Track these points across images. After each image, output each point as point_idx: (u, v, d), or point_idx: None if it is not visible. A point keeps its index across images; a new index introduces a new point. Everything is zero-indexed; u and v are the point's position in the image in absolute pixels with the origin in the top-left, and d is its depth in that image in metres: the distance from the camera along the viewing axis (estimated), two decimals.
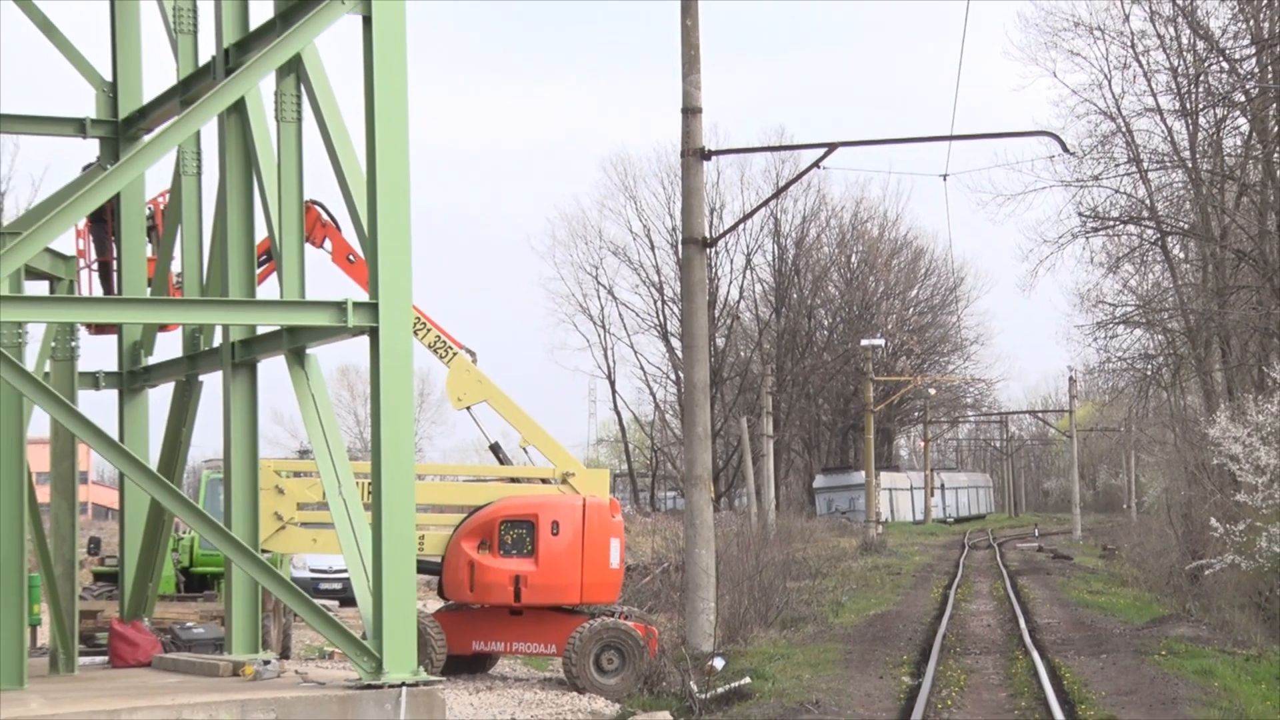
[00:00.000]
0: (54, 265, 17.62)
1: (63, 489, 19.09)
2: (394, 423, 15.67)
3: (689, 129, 30.48)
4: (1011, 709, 22.28)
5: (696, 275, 31.35)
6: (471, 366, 26.59)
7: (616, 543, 25.74)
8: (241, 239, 17.83)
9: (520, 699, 23.78)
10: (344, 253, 25.21)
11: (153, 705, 14.44)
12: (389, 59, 15.73)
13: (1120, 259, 50.90)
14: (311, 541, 25.42)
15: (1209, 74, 44.42)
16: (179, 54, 19.51)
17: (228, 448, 18.03)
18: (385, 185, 15.68)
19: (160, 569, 20.88)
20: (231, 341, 17.81)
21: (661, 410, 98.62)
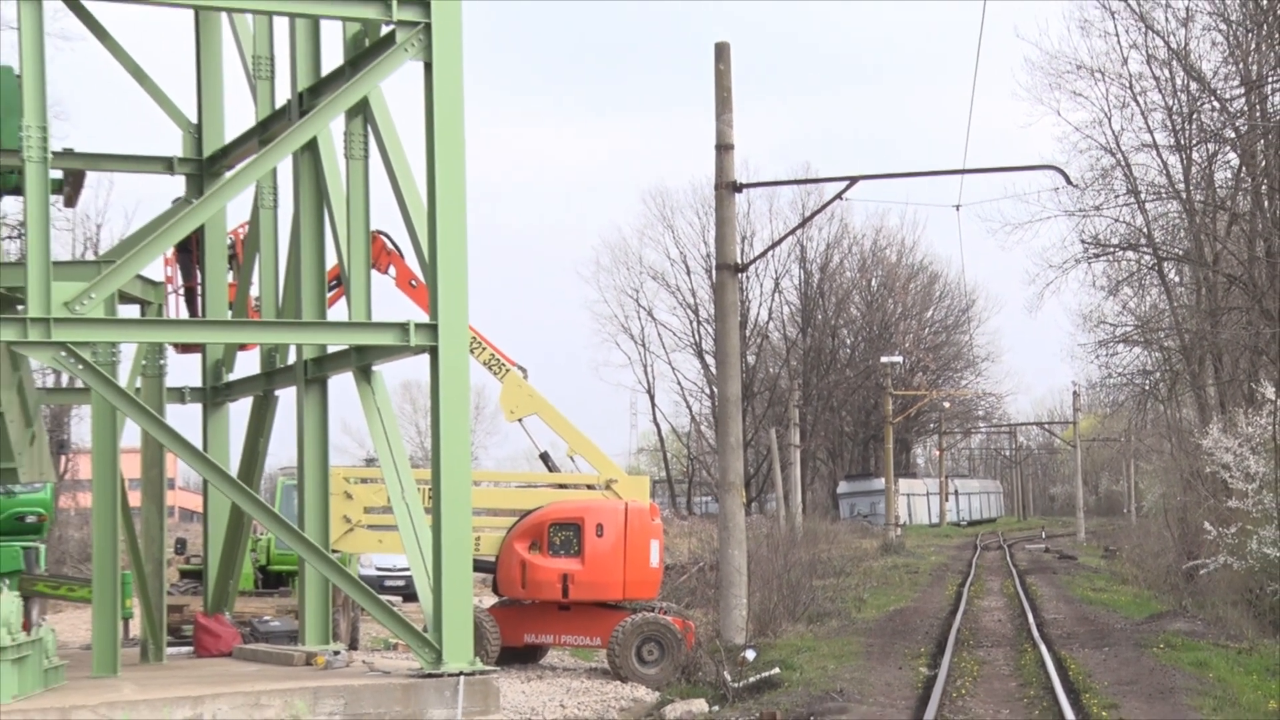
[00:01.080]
0: (145, 290, 17.71)
1: (152, 494, 19.17)
2: (452, 433, 15.70)
3: (722, 164, 30.50)
4: (1021, 697, 22.16)
5: (729, 298, 31.34)
6: (523, 382, 26.63)
7: (656, 544, 25.72)
8: (314, 266, 17.90)
9: (568, 687, 23.76)
10: (406, 278, 25.27)
11: (234, 692, 14.48)
12: (447, 101, 15.79)
13: (1120, 283, 50.83)
14: (377, 542, 25.46)
15: (1201, 112, 44.38)
16: (257, 98, 19.62)
17: (301, 456, 18.09)
18: (444, 216, 15.72)
19: (240, 567, 20.97)
20: (304, 359, 17.88)
21: (697, 422, 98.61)
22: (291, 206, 18.21)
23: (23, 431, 18.06)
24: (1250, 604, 32.36)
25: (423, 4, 15.70)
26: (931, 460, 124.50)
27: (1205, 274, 44.81)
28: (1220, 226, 45.25)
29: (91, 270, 15.59)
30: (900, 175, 60.72)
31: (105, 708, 13.90)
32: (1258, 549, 30.85)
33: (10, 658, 14.18)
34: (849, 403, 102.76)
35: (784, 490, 74.63)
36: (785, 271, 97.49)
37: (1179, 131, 45.13)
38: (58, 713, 13.73)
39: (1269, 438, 31.38)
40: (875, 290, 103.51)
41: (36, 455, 18.81)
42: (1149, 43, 44.97)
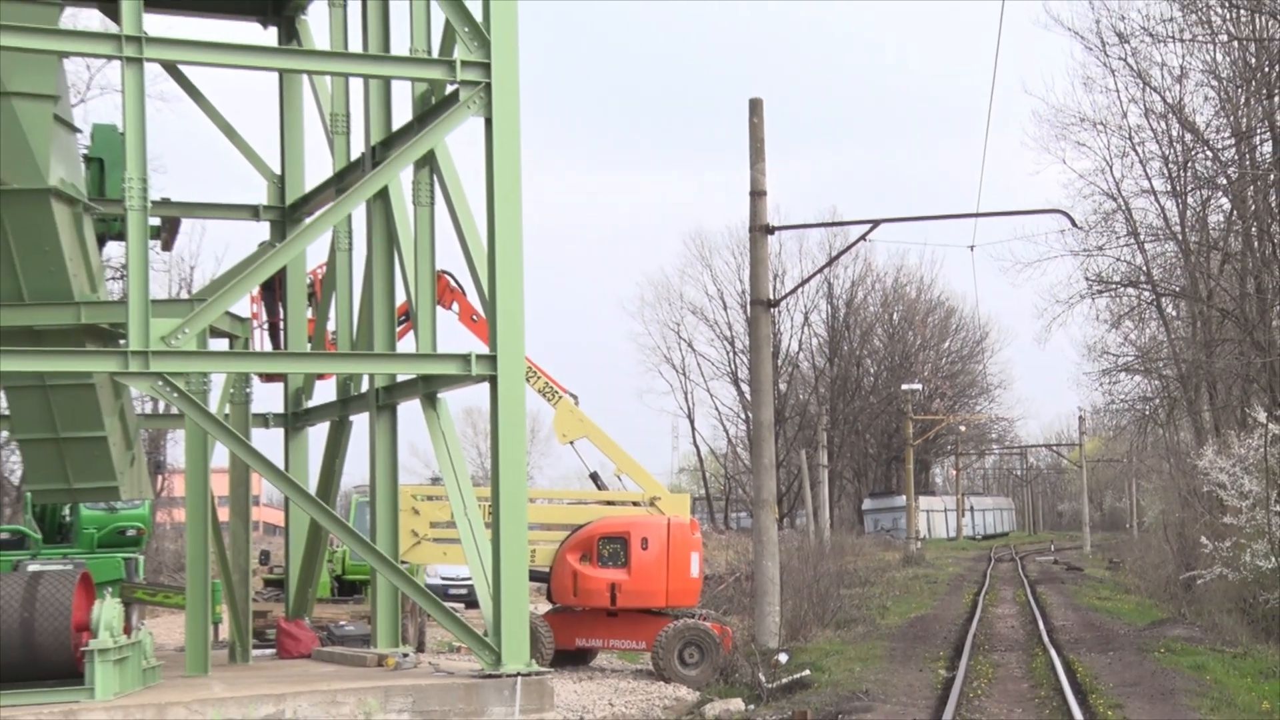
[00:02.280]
0: (233, 325, 17.82)
1: (239, 510, 19.26)
2: (510, 455, 15.72)
3: (756, 209, 30.52)
4: (1033, 698, 22.01)
5: (762, 331, 31.33)
6: (574, 408, 26.65)
7: (696, 556, 25.69)
8: (384, 302, 17.98)
9: (616, 687, 23.73)
10: (468, 313, 25.35)
11: (312, 690, 14.52)
12: (505, 152, 15.85)
13: (1121, 317, 50.65)
14: (442, 554, 25.49)
15: (1195, 161, 44.32)
16: (334, 151, 19.74)
17: (373, 476, 18.15)
18: (502, 257, 15.77)
19: (318, 576, 21.02)
20: (376, 388, 17.95)
21: (733, 444, 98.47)
22: (365, 249, 18.32)
23: (124, 453, 18.19)
24: (1244, 612, 32.18)
25: (483, 66, 15.81)
26: (949, 479, 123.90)
27: (1200, 309, 44.68)
28: (1214, 265, 45.12)
29: (186, 308, 15.72)
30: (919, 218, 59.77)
31: (197, 704, 13.96)
32: (1251, 561, 30.70)
33: (112, 658, 14.26)
34: (873, 426, 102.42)
35: (813, 507, 74.42)
36: (814, 306, 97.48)
37: (1175, 178, 45.12)
38: (155, 709, 13.79)
39: (1260, 459, 31.23)
40: (897, 323, 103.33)
41: (136, 475, 18.94)
42: (1147, 98, 45.02)
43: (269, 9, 21.58)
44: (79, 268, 17.11)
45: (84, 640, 14.23)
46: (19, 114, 16.13)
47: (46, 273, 16.67)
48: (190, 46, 15.95)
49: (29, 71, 16.12)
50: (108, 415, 17.65)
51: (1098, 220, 46.43)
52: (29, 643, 14.12)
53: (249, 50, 17.59)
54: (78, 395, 17.33)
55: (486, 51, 15.75)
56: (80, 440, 17.69)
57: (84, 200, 17.42)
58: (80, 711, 13.59)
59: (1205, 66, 42.75)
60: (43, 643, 14.15)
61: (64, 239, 16.71)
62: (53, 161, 16.51)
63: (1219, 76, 42.47)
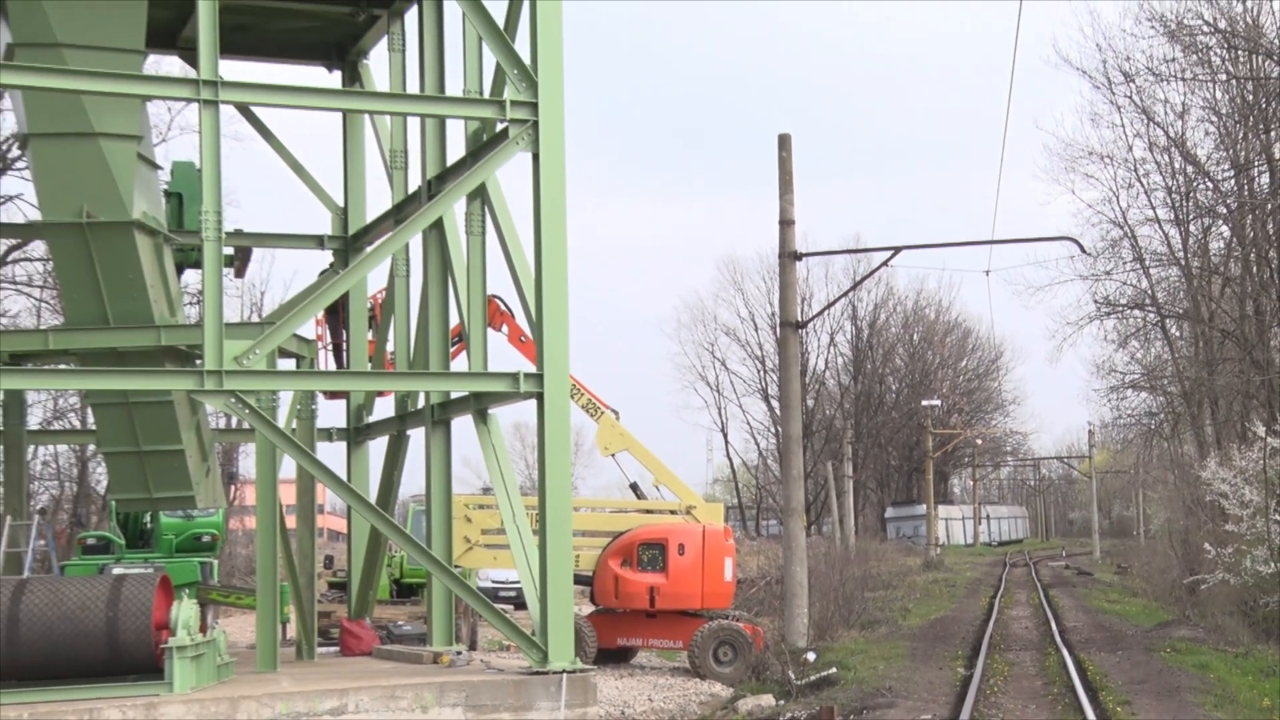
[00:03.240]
0: (299, 346, 17.93)
1: (305, 518, 19.34)
2: (555, 467, 15.74)
3: (784, 236, 30.53)
4: (1046, 695, 21.90)
5: (791, 351, 31.31)
6: (615, 423, 26.70)
7: (729, 561, 25.66)
8: (439, 325, 18.05)
9: (655, 683, 23.71)
10: (517, 335, 25.42)
11: (373, 685, 14.57)
12: (551, 185, 15.89)
13: (1128, 337, 50.45)
14: (493, 559, 25.53)
15: (1197, 191, 44.27)
16: (393, 185, 19.84)
17: (429, 486, 18.20)
18: (548, 282, 15.81)
19: (378, 580, 21.08)
20: (431, 404, 18.01)
21: (764, 456, 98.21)
22: (421, 275, 18.38)
23: (200, 465, 18.31)
24: (1245, 614, 31.99)
25: (531, 105, 15.87)
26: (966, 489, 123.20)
27: (1202, 329, 44.54)
28: (1215, 289, 44.99)
29: (256, 330, 15.83)
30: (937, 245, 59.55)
31: (267, 698, 14.02)
32: (1251, 566, 30.56)
33: (189, 655, 14.35)
34: (895, 440, 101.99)
35: (839, 515, 74.15)
36: (839, 327, 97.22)
37: (1178, 208, 45.03)
38: (228, 703, 13.86)
39: (1260, 470, 31.06)
40: (917, 343, 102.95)
41: (211, 485, 19.05)
42: (1151, 132, 44.96)
43: (334, 54, 21.74)
44: (159, 294, 17.25)
45: (163, 638, 14.32)
46: (106, 153, 16.30)
47: (130, 298, 16.81)
48: (262, 90, 16.07)
49: (116, 114, 16.30)
50: (185, 430, 17.77)
51: (1105, 247, 46.40)
52: (114, 640, 14.22)
53: (316, 93, 17.73)
54: (158, 412, 17.46)
55: (534, 92, 15.82)
56: (160, 453, 17.81)
57: (164, 232, 17.56)
58: (160, 704, 13.67)
59: (1206, 103, 42.74)
60: (126, 640, 14.24)
61: (146, 267, 16.85)
62: (136, 196, 16.66)
63: (1218, 112, 42.42)
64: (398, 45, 19.98)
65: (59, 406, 38.79)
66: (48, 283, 35.02)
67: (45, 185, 16.57)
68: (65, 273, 16.96)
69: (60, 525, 36.85)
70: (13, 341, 17.32)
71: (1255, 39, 38.35)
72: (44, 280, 35.54)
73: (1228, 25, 39.19)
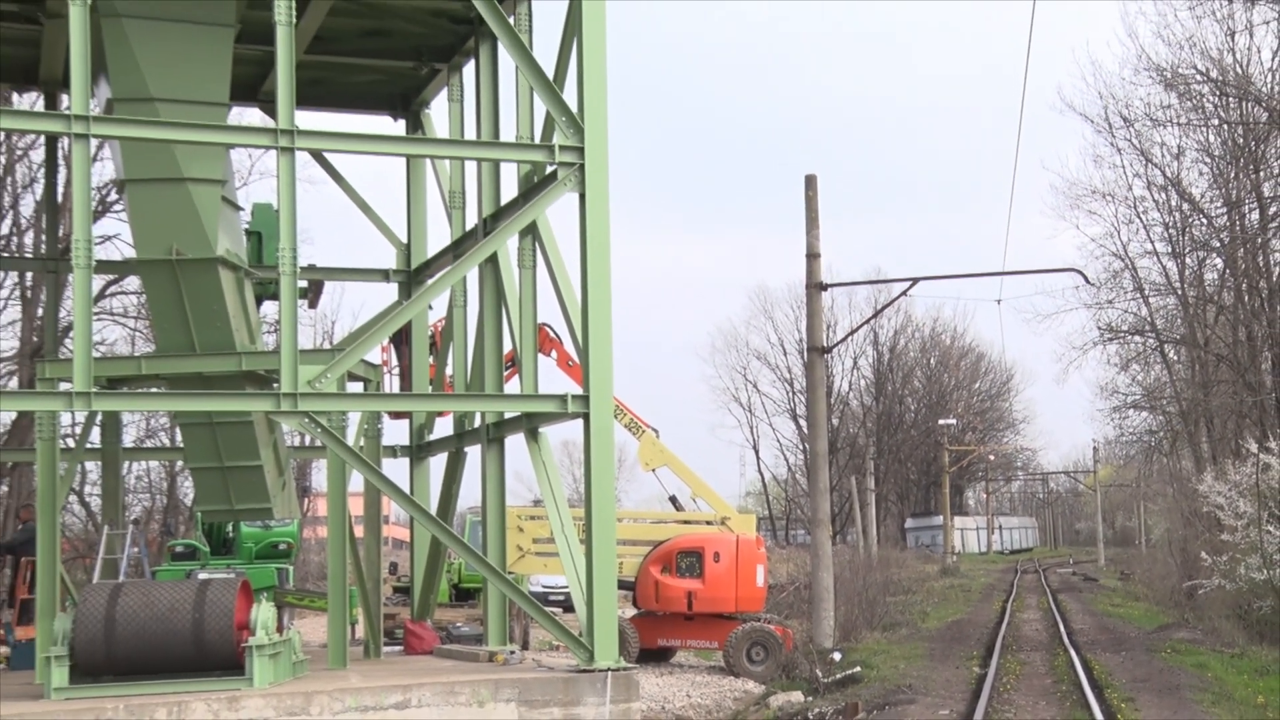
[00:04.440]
0: (367, 371, 17.99)
1: (372, 528, 19.37)
2: (600, 481, 15.71)
3: (811, 269, 30.49)
4: (1055, 692, 21.70)
5: (817, 374, 31.24)
6: (655, 440, 26.69)
7: (761, 568, 25.59)
8: (494, 351, 18.07)
9: (692, 681, 23.65)
10: (565, 360, 25.46)
11: (434, 682, 14.56)
12: (597, 222, 15.88)
13: (1129, 361, 50.28)
14: (543, 565, 25.54)
15: (1192, 227, 44.18)
16: (452, 222, 19.91)
17: (484, 499, 18.20)
18: (594, 311, 15.81)
19: (439, 584, 21.08)
20: (487, 424, 18.01)
21: (792, 471, 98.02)
22: (478, 305, 18.43)
23: (276, 479, 18.38)
24: (1240, 618, 31.74)
25: (578, 150, 15.89)
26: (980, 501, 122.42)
27: (1198, 354, 44.33)
28: (1209, 316, 44.77)
29: (328, 356, 15.90)
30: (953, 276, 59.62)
31: (338, 692, 14.04)
32: (1245, 573, 30.33)
33: (268, 653, 14.39)
34: (913, 456, 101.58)
35: (862, 525, 73.80)
36: (862, 352, 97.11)
37: (1175, 242, 44.90)
38: (303, 697, 13.88)
39: (1253, 484, 30.83)
40: (934, 367, 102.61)
41: (286, 498, 19.13)
42: (1149, 173, 44.85)
43: (399, 105, 21.87)
44: (241, 323, 17.35)
45: (244, 638, 14.36)
46: (194, 196, 16.42)
47: (214, 328, 16.91)
48: (334, 137, 16.17)
49: (202, 161, 16.43)
50: (263, 447, 17.85)
51: (1108, 278, 46.26)
52: (199, 639, 14.27)
53: (382, 140, 17.84)
54: (239, 431, 17.55)
55: (581, 137, 15.84)
56: (241, 469, 17.89)
57: (245, 267, 17.67)
58: (242, 698, 13.71)
59: (1199, 146, 42.70)
60: (211, 639, 14.28)
61: (229, 299, 16.95)
62: (220, 235, 16.77)
63: (1211, 154, 42.33)
64: (456, 96, 20.09)
65: (151, 426, 39.04)
66: (141, 314, 35.30)
67: (139, 226, 16.72)
68: (156, 305, 17.09)
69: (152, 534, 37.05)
70: (110, 367, 17.44)
71: (1244, 87, 38.32)
72: (138, 312, 35.83)
73: (1219, 74, 39.15)
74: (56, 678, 13.95)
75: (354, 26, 19.46)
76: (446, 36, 19.76)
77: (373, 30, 19.65)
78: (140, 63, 15.95)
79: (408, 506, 16.72)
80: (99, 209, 32.81)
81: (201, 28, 16.21)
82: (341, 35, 19.59)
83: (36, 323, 33.65)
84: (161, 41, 16.00)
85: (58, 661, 13.99)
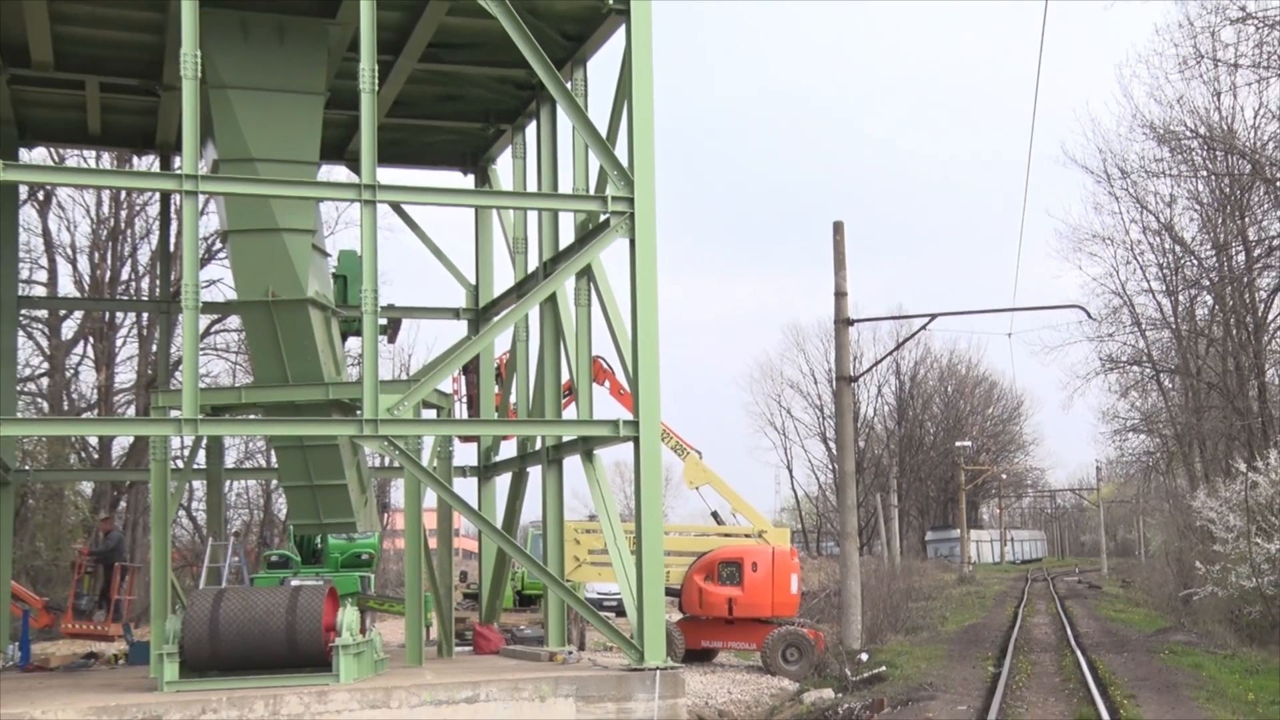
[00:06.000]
0: (440, 399, 18.07)
1: (444, 540, 19.41)
2: (649, 497, 15.67)
3: (839, 306, 30.36)
4: (1063, 689, 21.36)
5: (845, 401, 31.06)
6: (699, 461, 26.62)
7: (795, 576, 25.40)
8: (553, 381, 18.10)
9: (733, 679, 23.47)
10: (617, 389, 25.45)
11: (500, 679, 14.54)
12: (645, 265, 15.87)
13: (1128, 388, 49.87)
14: (597, 574, 25.48)
15: (1184, 267, 44.04)
16: (515, 266, 20.00)
17: (545, 513, 18.20)
18: (643, 344, 15.80)
19: (504, 591, 21.08)
20: (547, 446, 18.03)
21: (823, 489, 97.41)
22: (538, 340, 18.48)
23: (359, 496, 18.46)
24: (1232, 622, 31.31)
25: (628, 200, 15.91)
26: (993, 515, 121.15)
27: (1191, 382, 44.04)
28: (1201, 348, 44.48)
29: (405, 386, 15.99)
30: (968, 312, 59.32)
31: (414, 688, 14.04)
32: (1236, 581, 29.95)
33: (353, 652, 14.42)
34: (933, 475, 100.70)
35: (886, 538, 73.19)
36: (885, 381, 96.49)
37: (1169, 281, 44.75)
38: (383, 691, 13.90)
39: (1241, 500, 30.46)
40: (950, 394, 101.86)
41: (368, 513, 19.20)
42: (1144, 218, 44.69)
43: (468, 161, 22.04)
44: (328, 357, 17.47)
45: (331, 638, 14.40)
46: (287, 244, 16.58)
47: (304, 361, 17.03)
48: (411, 191, 16.32)
49: (295, 213, 16.60)
50: (348, 468, 17.94)
51: (1108, 313, 46.03)
52: (292, 640, 14.32)
53: (453, 192, 18.02)
54: (326, 453, 17.65)
55: (631, 189, 15.88)
56: (328, 487, 17.98)
57: (332, 307, 17.81)
58: (329, 692, 13.74)
59: (1190, 194, 42.59)
60: (302, 640, 14.33)
61: (318, 336, 17.08)
62: (310, 278, 16.92)
63: (1201, 202, 42.20)
64: (519, 153, 20.22)
65: (249, 449, 39.40)
66: (241, 349, 35.69)
67: (239, 271, 16.90)
68: (254, 341, 17.25)
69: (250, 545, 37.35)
70: (213, 397, 17.61)
71: (1230, 142, 38.32)
72: (238, 347, 36.23)
73: (1207, 131, 39.13)
74: (168, 672, 14.08)
75: (430, 93, 19.65)
76: (511, 100, 19.91)
77: (446, 96, 19.83)
78: (242, 128, 16.17)
79: (476, 521, 16.74)
80: (205, 257, 33.26)
81: (296, 96, 16.42)
82: (418, 101, 19.78)
83: (151, 358, 34.09)
84: (261, 109, 16.21)
85: (169, 658, 14.13)
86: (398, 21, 16.89)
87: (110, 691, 14.19)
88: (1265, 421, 37.26)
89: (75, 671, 18.02)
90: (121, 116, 20.46)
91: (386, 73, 17.72)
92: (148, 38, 17.23)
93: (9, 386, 20.84)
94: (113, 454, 34.70)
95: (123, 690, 14.28)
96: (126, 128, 20.91)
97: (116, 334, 36.39)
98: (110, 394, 35.40)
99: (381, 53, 16.48)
